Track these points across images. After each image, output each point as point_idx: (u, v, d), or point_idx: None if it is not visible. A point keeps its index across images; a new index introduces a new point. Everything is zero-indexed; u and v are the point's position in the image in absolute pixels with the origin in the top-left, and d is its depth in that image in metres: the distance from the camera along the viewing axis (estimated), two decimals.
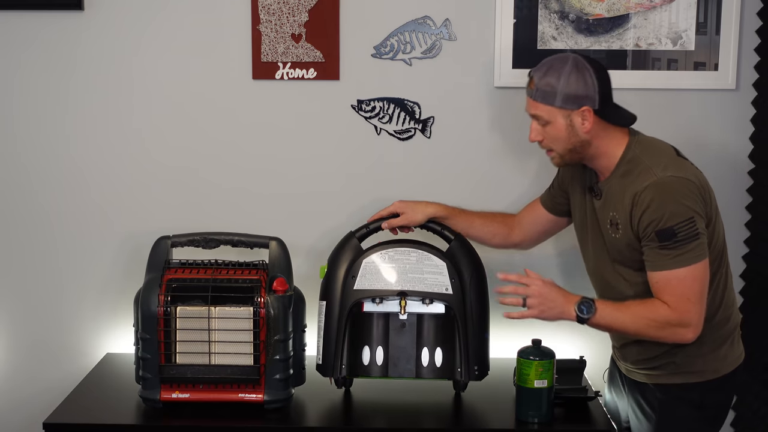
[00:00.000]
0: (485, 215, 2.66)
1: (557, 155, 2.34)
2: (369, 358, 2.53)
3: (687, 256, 2.18)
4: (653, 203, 2.18)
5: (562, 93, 2.25)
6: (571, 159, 2.34)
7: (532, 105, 2.31)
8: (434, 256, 2.50)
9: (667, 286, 2.20)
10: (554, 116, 2.27)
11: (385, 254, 2.49)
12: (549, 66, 2.28)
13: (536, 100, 2.29)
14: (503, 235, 2.65)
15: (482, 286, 2.51)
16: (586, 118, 2.26)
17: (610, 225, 2.31)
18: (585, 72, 2.25)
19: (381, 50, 2.81)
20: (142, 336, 2.44)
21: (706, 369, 2.32)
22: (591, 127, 2.26)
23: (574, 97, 2.25)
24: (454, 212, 2.61)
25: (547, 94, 2.26)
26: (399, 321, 2.50)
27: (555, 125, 2.28)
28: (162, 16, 2.81)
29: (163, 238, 2.57)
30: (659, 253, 2.20)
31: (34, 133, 2.86)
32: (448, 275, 2.47)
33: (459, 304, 2.46)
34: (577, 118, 2.26)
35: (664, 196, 2.18)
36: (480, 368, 2.47)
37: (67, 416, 2.44)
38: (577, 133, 2.27)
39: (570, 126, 2.27)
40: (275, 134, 2.86)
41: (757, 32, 2.76)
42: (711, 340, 2.31)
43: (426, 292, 2.47)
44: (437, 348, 2.52)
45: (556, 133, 2.29)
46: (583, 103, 2.25)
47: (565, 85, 2.25)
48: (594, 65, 2.28)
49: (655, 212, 2.18)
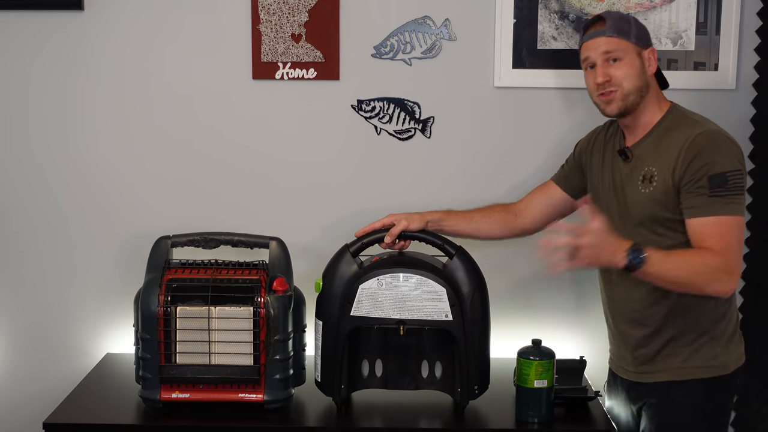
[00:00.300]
0: (483, 209, 2.64)
1: (622, 95, 2.32)
2: (368, 371, 2.52)
3: (734, 206, 2.20)
4: (707, 149, 2.21)
5: (635, 31, 2.33)
6: (633, 102, 2.33)
7: (605, 42, 2.33)
8: (433, 281, 2.39)
9: (714, 232, 2.19)
10: (628, 52, 2.32)
11: (381, 280, 2.40)
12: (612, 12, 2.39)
13: (611, 35, 2.32)
14: (508, 222, 2.62)
15: (484, 304, 2.45)
16: (652, 59, 2.34)
17: (642, 181, 2.31)
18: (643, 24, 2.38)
19: (381, 50, 2.81)
20: (142, 336, 2.44)
21: (710, 365, 2.32)
22: (654, 70, 2.34)
23: (644, 37, 2.34)
24: (450, 215, 2.59)
25: (622, 30, 2.32)
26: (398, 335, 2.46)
27: (627, 61, 2.32)
28: (162, 16, 2.81)
29: (163, 238, 2.57)
30: (708, 199, 2.19)
31: (33, 134, 2.86)
32: (447, 301, 2.38)
33: (459, 329, 2.40)
34: (646, 57, 2.33)
35: (719, 144, 2.23)
36: (480, 387, 2.46)
37: (67, 416, 2.44)
38: (645, 73, 2.33)
39: (641, 64, 2.32)
40: (275, 134, 2.86)
41: (757, 32, 2.76)
42: (714, 334, 2.31)
43: (425, 320, 2.40)
44: (437, 361, 2.52)
45: (628, 69, 2.32)
46: (650, 45, 2.35)
47: (636, 25, 2.34)
48: None
49: (708, 156, 2.20)
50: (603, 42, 2.33)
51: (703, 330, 2.31)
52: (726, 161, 2.21)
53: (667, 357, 2.33)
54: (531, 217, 2.62)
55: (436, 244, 2.49)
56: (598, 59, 2.34)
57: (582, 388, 2.56)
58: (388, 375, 2.53)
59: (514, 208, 2.64)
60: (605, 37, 2.33)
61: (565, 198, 2.59)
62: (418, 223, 2.51)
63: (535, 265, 2.85)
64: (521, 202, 2.65)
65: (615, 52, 2.32)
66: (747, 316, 2.81)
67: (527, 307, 2.90)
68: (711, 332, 2.31)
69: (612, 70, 2.33)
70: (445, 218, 2.57)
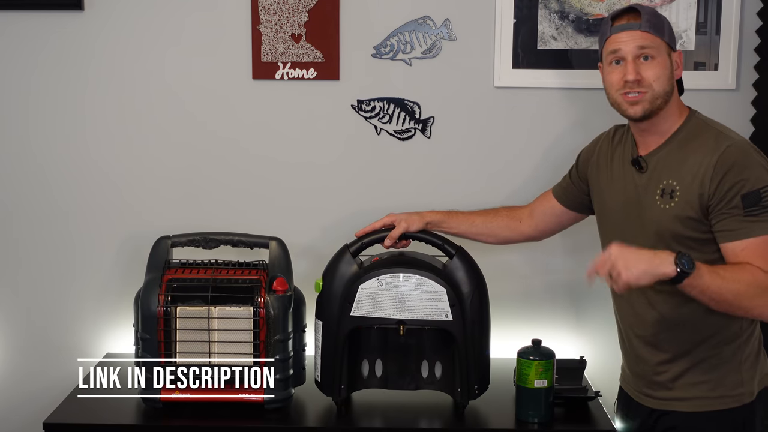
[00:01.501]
0: (488, 212, 2.60)
1: (651, 97, 2.17)
2: (368, 371, 2.52)
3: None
4: (738, 165, 2.07)
5: (668, 29, 2.20)
6: (658, 106, 2.18)
7: (640, 36, 2.17)
8: (433, 281, 2.39)
9: (754, 254, 2.04)
10: (661, 51, 2.18)
11: (381, 281, 2.40)
12: (645, 6, 2.25)
13: (647, 30, 2.16)
14: (511, 228, 2.57)
15: (483, 304, 2.44)
16: (679, 62, 2.22)
17: (661, 195, 2.17)
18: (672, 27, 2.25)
19: (381, 50, 2.81)
20: (142, 336, 2.44)
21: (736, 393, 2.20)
22: (680, 75, 2.22)
23: (674, 37, 2.22)
24: (451, 215, 2.56)
25: (658, 26, 2.18)
26: (398, 334, 2.46)
27: (660, 60, 2.17)
28: (162, 16, 2.81)
29: (163, 238, 2.57)
30: (744, 220, 2.05)
31: (33, 134, 2.86)
32: (447, 301, 2.38)
33: (459, 329, 2.39)
34: (675, 59, 2.21)
35: (749, 158, 2.09)
36: (480, 387, 2.46)
37: (67, 416, 2.44)
38: (672, 77, 2.20)
39: (669, 66, 2.19)
40: (275, 134, 2.86)
41: (757, 32, 2.76)
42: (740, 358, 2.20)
43: (425, 320, 2.40)
44: (437, 361, 2.52)
45: (660, 69, 2.17)
46: (677, 48, 2.24)
47: (668, 24, 2.21)
48: None
49: (740, 173, 2.07)
50: (639, 36, 2.16)
51: (726, 357, 2.19)
52: (758, 177, 2.07)
53: (691, 385, 2.22)
54: (535, 225, 2.57)
55: (436, 244, 2.49)
56: (629, 54, 2.17)
57: (582, 388, 2.56)
58: (388, 375, 2.53)
59: (518, 213, 2.59)
60: (640, 31, 2.16)
61: (565, 211, 2.52)
62: (417, 224, 2.50)
63: (536, 265, 2.86)
64: (526, 208, 2.60)
65: (649, 50, 2.16)
66: None
67: (527, 307, 2.90)
68: (735, 358, 2.20)
69: (644, 69, 2.17)
70: (446, 220, 2.54)
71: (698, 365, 2.22)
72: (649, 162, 2.22)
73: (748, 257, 2.06)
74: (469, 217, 2.58)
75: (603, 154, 2.39)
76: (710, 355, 2.21)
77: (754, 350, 2.24)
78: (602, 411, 2.50)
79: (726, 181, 2.08)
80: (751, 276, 2.03)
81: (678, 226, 2.16)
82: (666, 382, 2.26)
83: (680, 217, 2.15)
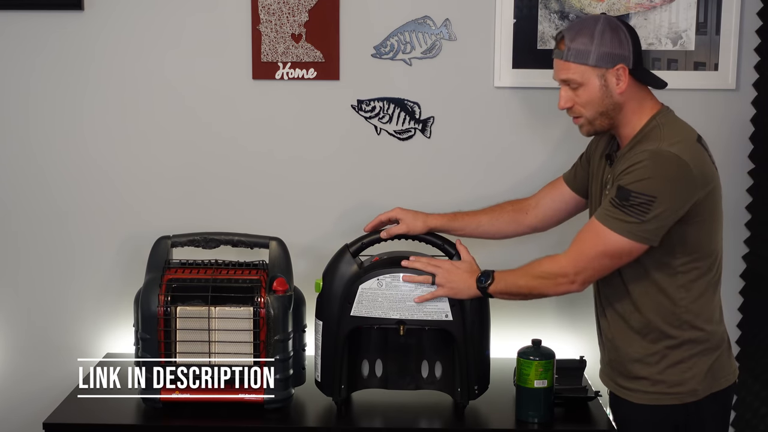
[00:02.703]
0: (493, 210, 2.59)
1: (587, 121, 2.24)
2: (368, 371, 2.52)
3: (620, 223, 2.11)
4: (639, 165, 2.10)
5: (597, 51, 2.17)
6: (601, 125, 2.24)
7: (563, 67, 2.21)
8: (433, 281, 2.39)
9: (582, 235, 2.20)
10: (588, 77, 2.19)
11: (382, 281, 2.40)
12: (581, 25, 2.20)
13: (569, 60, 2.19)
14: (517, 221, 2.57)
15: (483, 304, 2.44)
16: (621, 77, 2.18)
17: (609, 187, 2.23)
18: (619, 30, 2.19)
19: (381, 50, 2.81)
20: (142, 336, 2.44)
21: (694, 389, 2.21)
22: (625, 88, 2.19)
23: (609, 55, 2.17)
24: (456, 218, 2.55)
25: (581, 53, 2.18)
26: (398, 334, 2.46)
27: (588, 87, 2.19)
28: (162, 16, 2.81)
29: (163, 238, 2.57)
30: (608, 205, 2.14)
31: (33, 134, 2.86)
32: (447, 301, 2.38)
33: (459, 329, 2.40)
34: (611, 78, 2.18)
35: (652, 166, 2.10)
36: (480, 387, 2.46)
37: (67, 416, 2.44)
38: (611, 95, 2.19)
39: (604, 86, 2.19)
40: (275, 134, 2.86)
41: (757, 32, 2.76)
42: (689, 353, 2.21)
43: (425, 320, 2.40)
44: (437, 361, 2.52)
45: (589, 95, 2.20)
46: (618, 62, 2.17)
47: (599, 43, 2.17)
48: (626, 24, 2.22)
49: (633, 170, 2.11)
50: (561, 67, 2.22)
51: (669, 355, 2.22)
52: (645, 184, 2.09)
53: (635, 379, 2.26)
54: (542, 215, 2.57)
55: (436, 245, 2.49)
56: (559, 82, 2.25)
57: (582, 388, 2.56)
58: (388, 375, 2.53)
59: (524, 205, 2.59)
60: (563, 61, 2.21)
61: (575, 197, 2.52)
62: (419, 229, 2.50)
63: None
64: (532, 199, 2.60)
65: (573, 81, 2.20)
66: (747, 316, 2.81)
67: (527, 307, 2.89)
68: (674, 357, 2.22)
69: (573, 96, 2.23)
70: (450, 224, 2.54)
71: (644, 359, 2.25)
72: (618, 158, 2.25)
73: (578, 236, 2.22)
74: (474, 218, 2.57)
75: (600, 147, 2.41)
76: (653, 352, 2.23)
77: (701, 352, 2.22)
78: (602, 411, 2.50)
79: (618, 168, 2.17)
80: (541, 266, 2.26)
81: None
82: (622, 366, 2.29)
83: None
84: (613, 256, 2.17)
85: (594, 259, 2.18)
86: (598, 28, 2.18)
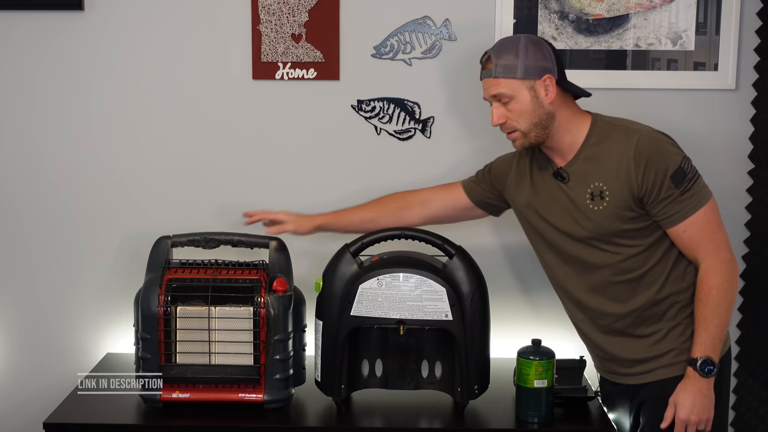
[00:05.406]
0: (375, 205, 2.65)
1: (521, 134, 2.31)
2: (368, 371, 2.53)
3: (702, 193, 2.23)
4: (653, 155, 2.21)
5: (523, 64, 2.26)
6: (536, 137, 2.31)
7: (493, 84, 2.29)
8: (433, 281, 2.40)
9: (700, 233, 2.23)
10: (517, 90, 2.27)
11: (381, 280, 2.40)
12: (504, 44, 2.31)
13: (497, 76, 2.28)
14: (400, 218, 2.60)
15: (483, 304, 2.45)
16: (549, 87, 2.27)
17: (591, 198, 2.28)
18: (541, 45, 2.30)
19: (381, 50, 2.81)
20: (142, 336, 2.44)
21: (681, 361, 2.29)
22: (554, 97, 2.27)
23: (535, 67, 2.26)
24: (339, 215, 2.64)
25: (508, 67, 2.26)
26: (398, 334, 2.47)
27: (519, 99, 2.27)
28: (162, 16, 2.81)
29: (163, 238, 2.57)
30: (681, 200, 2.21)
31: (33, 134, 2.86)
32: (447, 301, 2.39)
33: (459, 329, 2.40)
34: (540, 88, 2.27)
35: (658, 144, 2.23)
36: (480, 387, 2.46)
37: (67, 416, 2.44)
38: (542, 105, 2.27)
39: (534, 97, 2.27)
40: (275, 134, 2.86)
41: (757, 32, 2.76)
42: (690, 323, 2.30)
43: (425, 320, 2.41)
44: (437, 361, 2.52)
45: (521, 107, 2.28)
46: (544, 73, 2.27)
47: (524, 57, 2.26)
48: (546, 40, 2.33)
49: (659, 161, 2.20)
50: (491, 84, 2.30)
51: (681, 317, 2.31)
52: (673, 155, 2.22)
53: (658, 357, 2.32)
54: (429, 215, 2.62)
55: (436, 244, 2.49)
56: (490, 100, 2.32)
57: (582, 388, 2.56)
58: (388, 375, 2.53)
59: (410, 201, 2.63)
60: (492, 78, 2.29)
61: (470, 205, 2.59)
62: (306, 228, 2.62)
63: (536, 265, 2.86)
64: (420, 195, 2.63)
65: (504, 94, 2.28)
66: (746, 316, 2.81)
67: (527, 307, 2.90)
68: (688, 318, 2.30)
69: (505, 111, 2.30)
70: (334, 221, 2.64)
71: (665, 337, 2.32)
72: (570, 172, 2.33)
73: (694, 239, 2.23)
74: (359, 212, 2.64)
75: (522, 171, 2.46)
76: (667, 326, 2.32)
77: None
78: (602, 411, 2.50)
79: (650, 170, 2.21)
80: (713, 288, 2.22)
81: (616, 223, 2.28)
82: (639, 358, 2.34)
83: (616, 215, 2.27)
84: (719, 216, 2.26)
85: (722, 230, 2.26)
86: (521, 44, 2.28)
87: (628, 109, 2.75)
